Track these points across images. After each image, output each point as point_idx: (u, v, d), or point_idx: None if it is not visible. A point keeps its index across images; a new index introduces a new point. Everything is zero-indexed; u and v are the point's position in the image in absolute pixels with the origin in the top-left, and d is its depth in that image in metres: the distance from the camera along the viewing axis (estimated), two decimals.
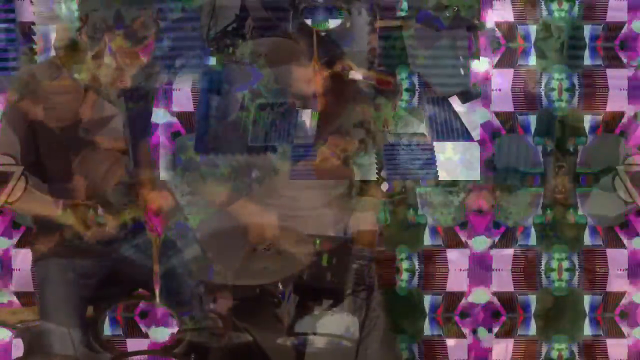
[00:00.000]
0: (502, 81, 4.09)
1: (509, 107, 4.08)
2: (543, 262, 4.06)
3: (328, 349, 3.43)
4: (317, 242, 3.74)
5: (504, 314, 4.06)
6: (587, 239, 4.08)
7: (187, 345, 3.60)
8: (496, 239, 4.06)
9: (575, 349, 4.06)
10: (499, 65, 4.08)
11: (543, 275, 4.06)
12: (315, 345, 3.61)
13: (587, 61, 4.04)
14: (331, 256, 3.74)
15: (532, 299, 4.06)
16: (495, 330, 4.07)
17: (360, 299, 3.76)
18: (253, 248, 3.63)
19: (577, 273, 4.06)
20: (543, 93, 4.06)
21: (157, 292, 3.48)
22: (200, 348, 3.54)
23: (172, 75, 3.95)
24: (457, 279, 4.05)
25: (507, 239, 4.08)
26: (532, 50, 4.07)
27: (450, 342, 4.06)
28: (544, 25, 4.04)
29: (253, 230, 3.72)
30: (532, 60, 4.07)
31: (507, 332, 4.08)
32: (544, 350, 4.06)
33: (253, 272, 3.30)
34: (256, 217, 3.76)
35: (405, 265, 4.06)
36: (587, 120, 4.05)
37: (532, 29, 4.07)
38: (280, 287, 3.31)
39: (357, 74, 3.87)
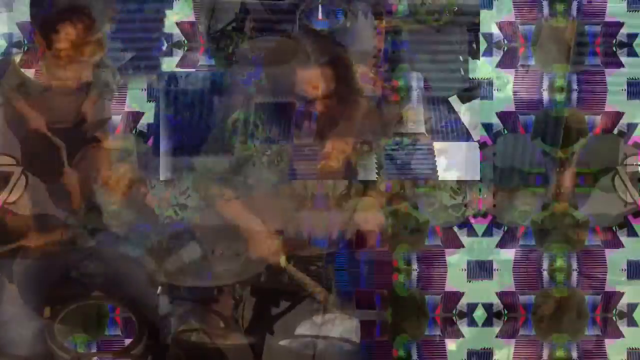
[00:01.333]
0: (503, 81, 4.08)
1: (509, 107, 4.07)
2: (545, 263, 4.05)
3: (286, 350, 3.43)
4: (276, 243, 3.76)
5: (505, 314, 4.05)
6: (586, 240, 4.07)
7: (145, 346, 3.61)
8: (497, 239, 4.04)
9: (574, 349, 4.05)
10: (499, 65, 4.06)
11: (545, 275, 4.05)
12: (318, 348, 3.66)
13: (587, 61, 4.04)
14: (289, 257, 3.75)
15: (533, 299, 4.06)
16: (497, 330, 4.06)
17: (317, 301, 3.77)
18: (211, 250, 3.66)
19: (575, 273, 4.05)
20: (544, 93, 4.05)
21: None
22: (158, 349, 3.55)
23: (126, 76, 3.94)
24: (456, 279, 4.04)
25: (508, 239, 4.06)
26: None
27: (450, 342, 4.05)
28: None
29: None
30: (533, 60, 4.05)
31: (508, 333, 4.06)
32: (545, 351, 4.06)
33: (212, 273, 3.30)
34: (247, 222, 3.79)
35: (404, 265, 4.05)
36: (586, 120, 4.04)
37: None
38: (238, 288, 3.31)
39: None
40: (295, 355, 3.42)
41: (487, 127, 3.99)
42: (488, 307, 4.04)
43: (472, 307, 4.03)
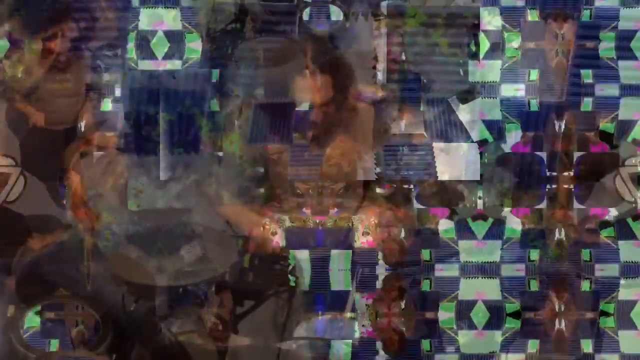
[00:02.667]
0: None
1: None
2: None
3: (250, 349, 3.42)
4: (240, 242, 3.76)
5: (510, 315, 4.04)
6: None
7: (109, 345, 3.61)
8: (502, 240, 4.03)
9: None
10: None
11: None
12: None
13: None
14: (253, 257, 3.76)
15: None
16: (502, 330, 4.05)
17: (282, 300, 3.77)
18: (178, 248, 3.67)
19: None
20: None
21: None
22: (122, 348, 3.55)
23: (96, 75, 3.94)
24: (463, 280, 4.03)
25: (510, 239, 4.06)
26: None
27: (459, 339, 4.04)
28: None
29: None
30: None
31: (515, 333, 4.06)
32: None
33: (177, 273, 3.29)
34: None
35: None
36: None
37: None
38: (203, 288, 3.30)
39: None
40: (260, 355, 3.41)
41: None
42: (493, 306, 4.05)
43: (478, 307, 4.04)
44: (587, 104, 4.01)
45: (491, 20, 3.99)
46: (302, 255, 3.93)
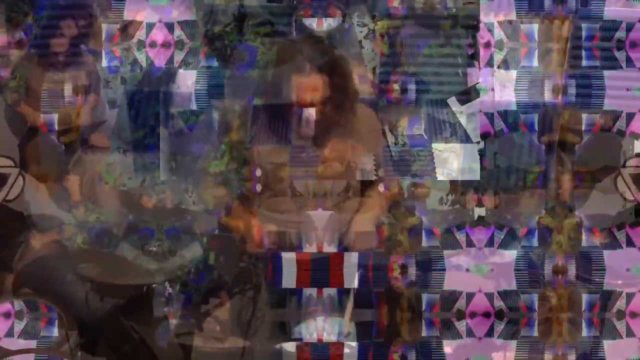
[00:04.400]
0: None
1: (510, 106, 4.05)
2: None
3: (215, 349, 3.42)
4: (204, 240, 3.76)
5: (506, 315, 4.03)
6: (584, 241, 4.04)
7: (74, 343, 3.62)
8: (499, 240, 4.02)
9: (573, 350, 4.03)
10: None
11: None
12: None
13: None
14: (218, 255, 3.75)
15: (535, 299, 4.03)
16: (497, 331, 4.03)
17: (247, 298, 3.77)
18: (141, 247, 3.68)
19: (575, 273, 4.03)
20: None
21: None
22: (87, 346, 3.55)
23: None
24: (456, 279, 4.01)
25: (509, 240, 4.04)
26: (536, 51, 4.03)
27: (448, 343, 4.03)
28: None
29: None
30: (535, 62, 4.02)
31: (509, 334, 4.04)
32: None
33: (140, 271, 3.29)
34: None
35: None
36: (584, 119, 4.01)
37: (535, 27, 4.02)
38: (167, 286, 3.30)
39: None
40: (224, 354, 3.41)
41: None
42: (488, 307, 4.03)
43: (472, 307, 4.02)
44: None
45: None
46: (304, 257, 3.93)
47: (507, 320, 4.01)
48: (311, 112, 3.84)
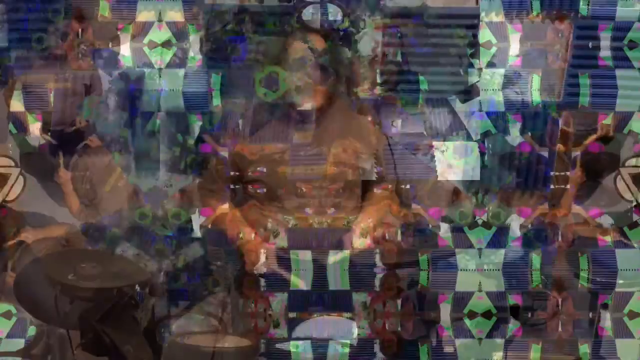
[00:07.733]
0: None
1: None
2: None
3: (186, 350, 3.41)
4: (174, 243, 3.78)
5: (518, 314, 4.03)
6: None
7: (44, 346, 3.61)
8: (503, 240, 4.03)
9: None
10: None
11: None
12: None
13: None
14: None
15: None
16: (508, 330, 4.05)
17: (217, 300, 3.78)
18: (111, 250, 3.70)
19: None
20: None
21: None
22: (57, 349, 3.53)
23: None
24: (466, 279, 4.01)
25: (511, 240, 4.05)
26: None
27: (459, 342, 4.03)
28: None
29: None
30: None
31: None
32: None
33: (110, 274, 3.27)
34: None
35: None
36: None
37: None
38: (138, 289, 3.28)
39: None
40: (195, 355, 3.39)
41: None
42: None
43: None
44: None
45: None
46: (305, 257, 3.93)
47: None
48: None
